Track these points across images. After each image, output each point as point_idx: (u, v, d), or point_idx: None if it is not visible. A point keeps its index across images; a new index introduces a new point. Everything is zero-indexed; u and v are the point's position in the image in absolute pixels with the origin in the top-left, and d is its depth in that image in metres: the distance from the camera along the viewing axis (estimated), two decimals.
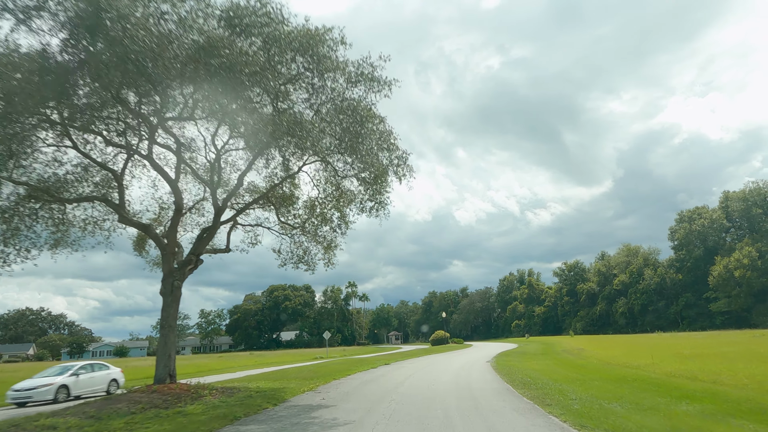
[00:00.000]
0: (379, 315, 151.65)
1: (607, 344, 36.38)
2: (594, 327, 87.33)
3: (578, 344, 40.11)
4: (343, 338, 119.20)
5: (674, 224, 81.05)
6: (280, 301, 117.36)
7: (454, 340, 76.10)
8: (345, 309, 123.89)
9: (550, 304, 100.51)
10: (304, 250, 18.55)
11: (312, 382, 17.64)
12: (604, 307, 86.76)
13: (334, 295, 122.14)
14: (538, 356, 29.37)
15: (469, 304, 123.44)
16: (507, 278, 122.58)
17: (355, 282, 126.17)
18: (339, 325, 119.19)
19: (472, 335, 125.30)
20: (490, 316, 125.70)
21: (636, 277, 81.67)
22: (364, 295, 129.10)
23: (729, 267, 65.48)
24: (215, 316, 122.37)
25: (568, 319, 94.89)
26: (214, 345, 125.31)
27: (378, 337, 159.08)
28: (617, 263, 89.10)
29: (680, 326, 72.83)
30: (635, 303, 79.18)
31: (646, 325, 77.48)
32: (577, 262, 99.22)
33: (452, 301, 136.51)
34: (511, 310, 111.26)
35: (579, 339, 56.02)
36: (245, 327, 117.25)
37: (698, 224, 74.57)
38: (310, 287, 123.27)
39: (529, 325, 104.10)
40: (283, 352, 76.41)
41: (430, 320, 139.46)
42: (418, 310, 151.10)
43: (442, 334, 73.60)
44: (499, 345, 60.21)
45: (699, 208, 78.98)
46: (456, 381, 16.86)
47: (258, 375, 22.85)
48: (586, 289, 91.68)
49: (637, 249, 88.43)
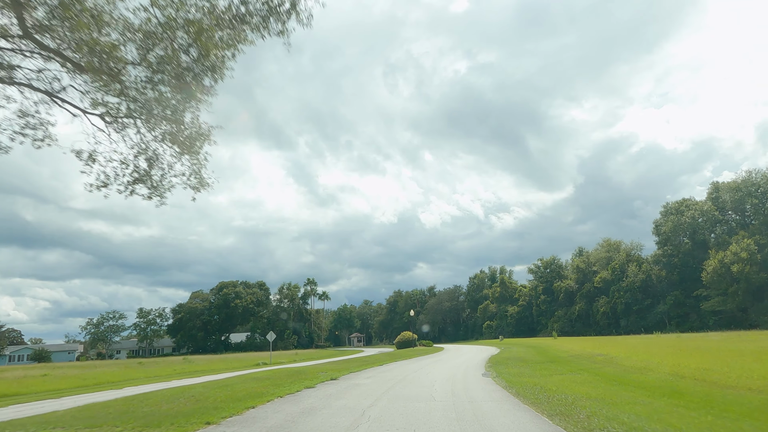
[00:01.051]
0: (341, 316, 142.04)
1: (622, 346, 28.21)
2: (573, 328, 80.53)
3: (581, 347, 31.84)
4: (300, 340, 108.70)
5: (659, 217, 75.18)
6: (230, 300, 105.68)
7: (423, 342, 67.34)
8: (303, 308, 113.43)
9: (524, 303, 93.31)
10: (147, 155, 8.90)
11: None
12: (583, 306, 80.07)
13: (290, 294, 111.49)
14: (553, 366, 20.61)
15: (437, 304, 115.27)
16: (478, 276, 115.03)
17: (314, 279, 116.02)
18: (296, 326, 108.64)
19: (440, 337, 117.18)
20: (460, 316, 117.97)
21: (619, 274, 75.25)
22: (324, 293, 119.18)
23: (725, 261, 59.41)
24: (156, 316, 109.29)
25: (544, 320, 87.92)
26: (154, 348, 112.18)
27: (339, 339, 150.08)
28: (597, 259, 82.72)
29: (667, 327, 66.60)
30: (618, 302, 72.63)
31: (630, 326, 70.97)
32: (554, 258, 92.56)
33: (419, 301, 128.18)
34: (482, 310, 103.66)
35: (569, 341, 48.13)
36: (189, 328, 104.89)
37: (688, 216, 68.66)
38: (264, 284, 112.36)
39: (502, 325, 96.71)
40: (224, 357, 65.64)
41: (395, 321, 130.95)
42: (382, 311, 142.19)
43: (408, 335, 64.68)
44: (477, 348, 51.74)
45: (686, 200, 73.33)
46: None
47: (101, 403, 12.94)
48: (563, 287, 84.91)
49: (618, 244, 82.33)
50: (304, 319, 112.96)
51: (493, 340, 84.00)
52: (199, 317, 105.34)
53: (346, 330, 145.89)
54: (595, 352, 25.70)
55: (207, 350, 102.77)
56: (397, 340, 65.11)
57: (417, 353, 43.26)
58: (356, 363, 30.06)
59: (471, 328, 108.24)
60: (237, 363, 46.76)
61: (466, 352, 41.71)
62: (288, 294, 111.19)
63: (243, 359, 52.35)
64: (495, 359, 27.95)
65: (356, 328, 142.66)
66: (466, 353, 38.64)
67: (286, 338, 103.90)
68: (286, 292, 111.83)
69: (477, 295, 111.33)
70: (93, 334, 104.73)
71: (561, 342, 46.72)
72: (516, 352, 35.08)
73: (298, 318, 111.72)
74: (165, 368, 37.53)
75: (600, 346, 30.36)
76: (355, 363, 30.15)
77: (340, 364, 30.42)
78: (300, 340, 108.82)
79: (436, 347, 63.06)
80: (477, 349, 50.02)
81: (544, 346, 40.60)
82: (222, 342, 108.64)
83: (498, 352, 37.10)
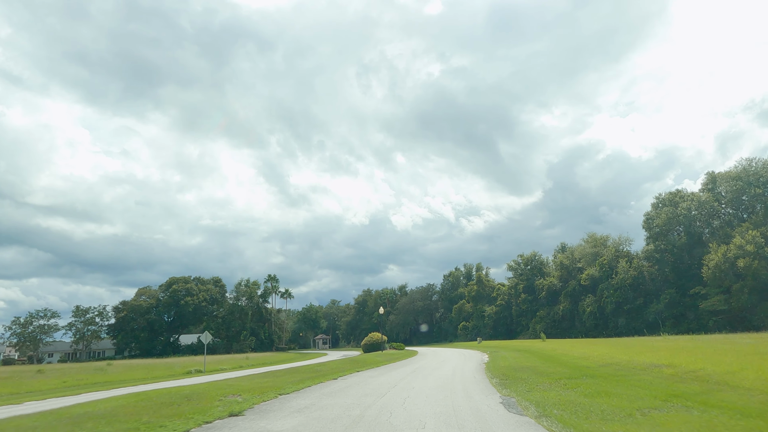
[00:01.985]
0: (306, 316, 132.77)
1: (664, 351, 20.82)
2: (556, 329, 74.01)
3: (597, 352, 24.32)
4: (258, 342, 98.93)
5: (650, 210, 69.46)
6: (181, 297, 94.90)
7: (393, 345, 59.22)
8: (263, 307, 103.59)
9: (503, 302, 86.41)
10: None
11: None
12: (567, 305, 73.66)
13: (249, 291, 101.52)
14: (600, 384, 12.66)
15: (409, 303, 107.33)
16: (453, 273, 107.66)
17: (276, 276, 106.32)
18: (254, 327, 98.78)
19: (412, 339, 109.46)
20: (433, 317, 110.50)
21: (607, 271, 69.09)
22: (286, 291, 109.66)
23: (728, 256, 53.70)
24: (96, 315, 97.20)
25: (525, 320, 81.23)
26: (93, 351, 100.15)
27: (305, 340, 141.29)
28: (582, 255, 76.55)
29: (662, 328, 60.62)
30: (607, 301, 66.38)
31: (620, 327, 64.79)
32: (535, 255, 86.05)
33: (389, 300, 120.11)
34: (457, 309, 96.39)
35: (568, 345, 40.80)
36: (133, 328, 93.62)
37: (683, 208, 62.99)
38: (220, 280, 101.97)
39: (479, 326, 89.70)
40: (162, 362, 55.93)
41: (363, 322, 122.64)
42: (350, 311, 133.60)
43: (377, 337, 56.50)
44: (457, 352, 43.93)
45: (680, 191, 67.86)
46: None
47: None
48: (546, 285, 78.39)
49: (605, 239, 76.37)
50: (264, 320, 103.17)
51: (470, 343, 76.73)
52: (144, 316, 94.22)
53: (312, 331, 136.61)
54: (639, 361, 18.07)
55: (153, 353, 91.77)
56: (364, 343, 56.89)
57: (387, 359, 35.06)
58: (303, 374, 21.62)
59: (445, 329, 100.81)
60: (163, 371, 37.62)
61: (448, 357, 33.77)
62: (246, 292, 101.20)
63: (174, 366, 43.04)
64: (495, 369, 20.05)
65: (322, 330, 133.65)
66: (449, 359, 30.70)
67: (243, 340, 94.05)
68: (243, 290, 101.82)
69: (452, 294, 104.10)
70: (19, 336, 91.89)
71: (557, 345, 39.31)
72: (514, 358, 27.30)
73: (258, 318, 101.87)
74: (51, 380, 28.05)
75: (635, 352, 22.83)
76: (302, 374, 21.70)
77: (282, 376, 21.91)
78: (258, 342, 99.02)
79: (408, 351, 55.07)
80: (458, 353, 42.20)
81: (542, 351, 33.06)
82: (171, 344, 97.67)
83: (489, 359, 29.30)
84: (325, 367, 25.10)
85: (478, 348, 54.25)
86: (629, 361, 18.50)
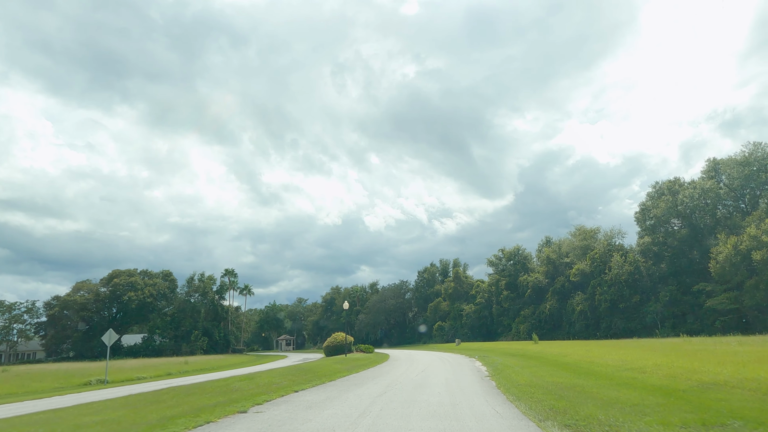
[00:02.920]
0: (268, 315, 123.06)
1: (712, 357, 13.38)
2: (542, 330, 67.19)
3: (641, 358, 16.72)
4: (212, 343, 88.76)
5: (646, 199, 63.48)
6: (123, 292, 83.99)
7: (361, 347, 50.84)
8: (218, 304, 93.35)
9: (482, 301, 79.14)
10: None
11: None
12: (555, 304, 66.91)
13: (203, 286, 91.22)
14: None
15: (380, 302, 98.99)
16: (428, 270, 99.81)
17: (234, 270, 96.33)
18: (207, 326, 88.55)
19: (383, 340, 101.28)
20: (406, 316, 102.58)
21: (599, 266, 62.61)
22: (246, 287, 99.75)
23: (740, 248, 47.65)
24: (24, 311, 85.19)
25: (506, 320, 74.15)
26: (21, 353, 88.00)
27: (268, 341, 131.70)
28: (571, 249, 70.07)
29: (660, 329, 54.40)
30: (600, 299, 59.83)
31: (614, 328, 58.30)
32: (518, 248, 79.15)
33: (359, 299, 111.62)
34: (432, 308, 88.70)
35: (571, 347, 33.31)
36: (66, 327, 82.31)
37: (685, 196, 57.01)
38: (170, 274, 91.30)
39: (456, 327, 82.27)
40: (75, 367, 46.07)
41: (331, 321, 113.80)
42: (317, 310, 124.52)
43: (342, 337, 48.07)
44: (437, 357, 35.97)
45: (678, 179, 62.02)
46: None
47: None
48: (531, 282, 71.48)
49: (595, 231, 70.08)
50: (220, 318, 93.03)
51: (447, 345, 69.15)
52: (80, 313, 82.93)
53: (275, 331, 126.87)
54: (758, 377, 10.38)
55: (90, 355, 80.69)
56: (327, 344, 48.33)
57: (349, 366, 26.73)
58: (204, 397, 13.11)
59: (419, 329, 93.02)
60: (51, 381, 28.34)
61: (430, 365, 25.69)
62: (200, 287, 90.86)
63: (77, 374, 33.50)
64: (520, 393, 12.05)
65: (286, 330, 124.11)
66: (433, 369, 22.61)
67: (193, 341, 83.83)
68: (197, 285, 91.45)
69: (427, 292, 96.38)
70: None
71: (563, 349, 31.77)
72: (528, 369, 19.43)
73: (212, 316, 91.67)
74: None
75: (712, 361, 15.21)
76: (203, 396, 13.19)
77: (163, 401, 13.30)
78: (212, 342, 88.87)
79: (379, 354, 46.85)
80: (439, 358, 34.23)
81: (552, 358, 25.39)
82: (113, 345, 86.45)
83: (488, 369, 21.42)
84: (252, 383, 16.58)
85: (459, 351, 46.50)
86: (743, 378, 10.73)
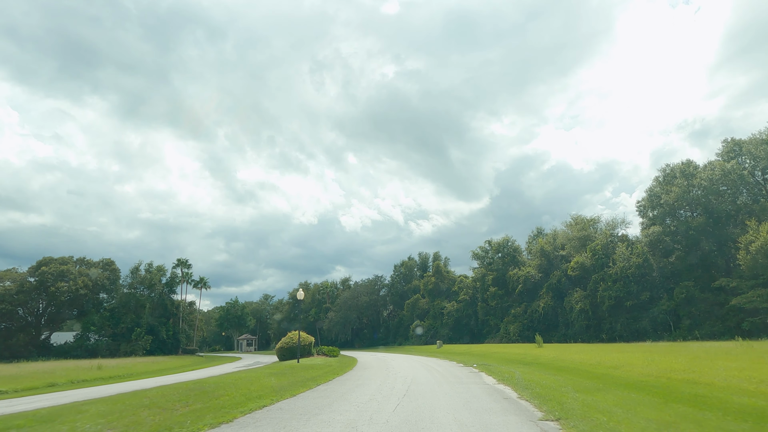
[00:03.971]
0: (229, 312, 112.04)
1: None
2: (534, 331, 59.08)
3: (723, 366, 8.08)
4: (158, 342, 77.73)
5: (653, 185, 56.09)
6: (51, 282, 72.29)
7: (324, 350, 41.38)
8: (168, 299, 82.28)
9: (466, 298, 70.60)
10: None
11: None
12: (550, 301, 58.91)
13: (150, 277, 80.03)
14: None
15: (352, 298, 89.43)
16: (405, 263, 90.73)
17: (187, 261, 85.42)
18: (153, 323, 77.41)
19: (354, 341, 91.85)
20: (380, 314, 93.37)
21: (602, 259, 54.82)
22: (201, 279, 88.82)
23: None
24: None
25: (494, 320, 65.80)
26: None
27: (230, 341, 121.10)
28: (568, 240, 62.23)
29: (674, 331, 46.83)
30: (604, 296, 51.97)
31: (619, 329, 50.49)
32: (508, 239, 70.97)
33: (329, 295, 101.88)
34: (409, 306, 79.77)
35: (592, 352, 24.60)
36: None
37: (704, 179, 49.63)
38: (112, 263, 79.67)
39: (436, 327, 73.58)
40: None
41: (298, 320, 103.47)
42: (283, 308, 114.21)
43: (301, 336, 38.75)
44: (423, 364, 26.76)
45: (691, 162, 54.78)
46: None
47: None
48: (522, 277, 63.31)
49: (594, 221, 62.44)
50: (169, 314, 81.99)
51: (427, 347, 60.33)
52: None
53: (236, 330, 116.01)
54: None
55: (8, 356, 68.79)
56: (280, 346, 38.88)
57: (293, 381, 17.44)
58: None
59: (394, 329, 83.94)
60: None
61: (414, 380, 16.53)
62: (146, 278, 79.69)
63: None
64: None
65: (249, 329, 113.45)
66: (423, 387, 13.47)
67: (134, 340, 72.76)
68: (143, 276, 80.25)
69: (404, 287, 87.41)
70: None
71: (586, 354, 23.08)
72: (577, 390, 10.43)
73: (160, 312, 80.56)
74: None
75: None
76: None
77: None
78: (158, 342, 77.86)
79: (344, 358, 37.64)
80: (423, 366, 25.14)
81: (586, 367, 16.59)
82: (38, 344, 74.66)
83: (501, 383, 12.43)
84: (138, 402, 7.13)
85: (444, 356, 37.58)
86: None
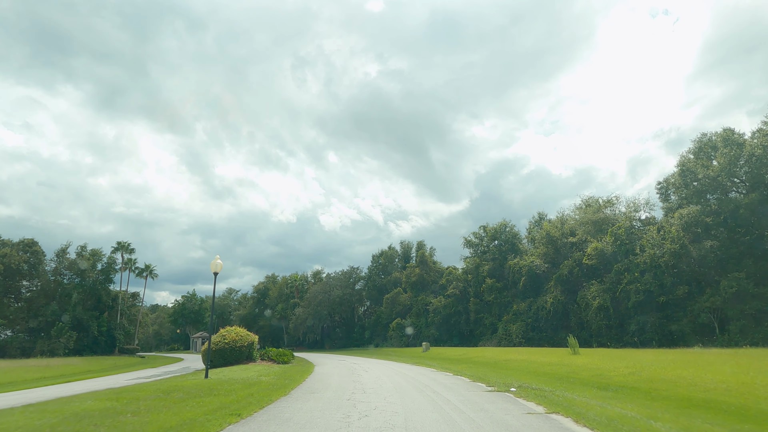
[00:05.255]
0: (185, 308, 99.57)
1: None
2: (542, 332, 49.06)
3: None
4: (88, 339, 65.27)
5: (686, 156, 46.58)
6: None
7: (271, 353, 30.01)
8: (104, 289, 69.58)
9: (456, 292, 60.04)
10: None
11: None
12: (560, 296, 48.81)
13: (81, 262, 67.26)
14: None
15: (323, 292, 77.95)
16: (385, 253, 79.54)
17: (129, 245, 72.82)
18: (83, 317, 64.73)
19: (324, 341, 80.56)
20: (355, 311, 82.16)
21: (626, 245, 44.93)
22: (147, 267, 76.38)
23: None
24: None
25: (490, 318, 55.43)
26: None
27: (186, 339, 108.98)
28: (581, 224, 52.34)
29: (718, 336, 37.23)
30: (629, 290, 42.07)
31: (648, 331, 40.59)
32: (506, 224, 60.64)
33: (299, 289, 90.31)
34: (389, 301, 68.80)
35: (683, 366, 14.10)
36: None
37: (756, 146, 40.15)
38: (34, 243, 66.37)
39: (420, 326, 62.86)
40: None
41: (262, 316, 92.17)
42: (247, 303, 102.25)
43: (236, 336, 27.76)
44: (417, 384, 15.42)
45: (733, 130, 45.31)
46: None
47: None
48: (524, 268, 53.11)
49: (611, 202, 52.75)
50: (104, 307, 69.35)
51: (409, 350, 49.62)
52: None
53: (194, 327, 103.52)
54: None
55: None
56: (206, 349, 27.43)
57: (158, 418, 6.37)
58: None
59: (371, 328, 72.84)
60: None
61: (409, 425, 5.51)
62: (74, 264, 66.93)
63: None
64: None
65: (207, 326, 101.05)
66: None
67: (55, 336, 60.09)
68: (75, 262, 67.47)
69: (383, 280, 76.38)
70: None
71: (660, 369, 12.63)
72: None
73: (93, 304, 67.91)
74: None
75: None
76: None
77: None
78: (90, 339, 65.30)
79: (296, 366, 26.53)
80: (413, 386, 14.11)
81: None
82: None
83: None
84: None
85: (436, 363, 26.75)
86: None
